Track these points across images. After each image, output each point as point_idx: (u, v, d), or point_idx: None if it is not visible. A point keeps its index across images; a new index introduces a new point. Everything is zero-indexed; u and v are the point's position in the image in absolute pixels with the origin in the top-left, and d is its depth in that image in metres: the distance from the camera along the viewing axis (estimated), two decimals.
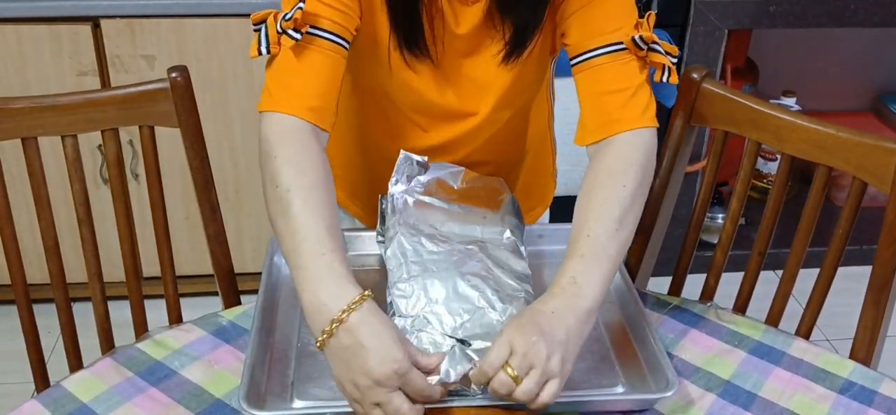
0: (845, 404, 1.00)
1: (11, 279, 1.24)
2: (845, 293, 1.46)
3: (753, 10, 2.25)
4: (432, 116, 1.18)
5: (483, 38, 1.11)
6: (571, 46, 1.09)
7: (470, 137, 1.20)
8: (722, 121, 1.27)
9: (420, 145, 1.20)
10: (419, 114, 1.18)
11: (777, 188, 1.25)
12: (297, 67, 1.02)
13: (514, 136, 1.27)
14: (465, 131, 1.19)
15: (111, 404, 0.99)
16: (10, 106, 1.19)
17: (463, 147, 1.21)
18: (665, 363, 0.98)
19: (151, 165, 1.27)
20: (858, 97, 2.97)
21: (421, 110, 1.17)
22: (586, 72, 1.07)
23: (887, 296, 1.15)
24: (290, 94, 1.02)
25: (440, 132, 1.19)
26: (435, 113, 1.17)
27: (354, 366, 0.86)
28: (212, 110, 2.15)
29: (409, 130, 1.20)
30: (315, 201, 0.95)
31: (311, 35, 1.02)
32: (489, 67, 1.12)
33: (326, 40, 1.03)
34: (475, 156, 1.23)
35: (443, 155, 1.21)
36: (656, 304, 1.18)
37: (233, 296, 1.34)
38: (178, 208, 2.24)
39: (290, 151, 0.99)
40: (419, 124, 1.19)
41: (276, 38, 1.02)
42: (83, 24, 2.03)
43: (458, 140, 1.20)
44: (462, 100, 1.15)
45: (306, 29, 1.01)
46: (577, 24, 1.07)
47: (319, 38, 1.03)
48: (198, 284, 2.29)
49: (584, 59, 1.07)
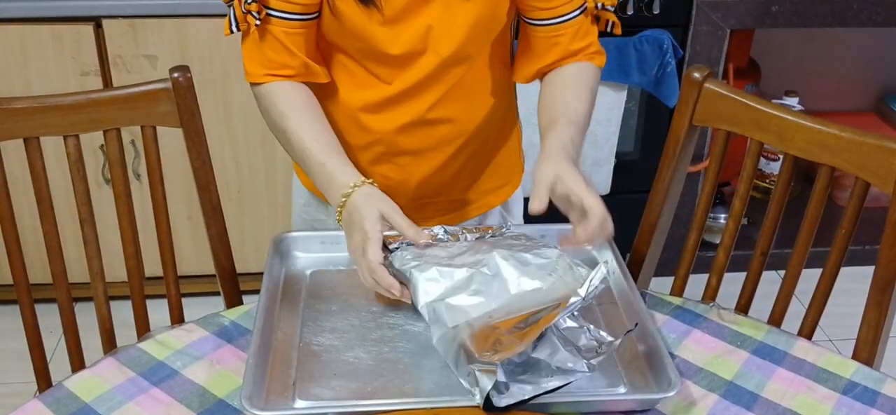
0: (848, 405, 1.00)
1: (14, 279, 1.24)
2: (848, 293, 1.46)
3: (756, 9, 2.24)
4: (390, 64, 1.18)
5: None
6: (530, 8, 1.18)
7: (429, 83, 1.19)
8: (724, 121, 1.26)
9: (382, 96, 1.21)
10: (380, 64, 1.19)
11: (779, 188, 1.25)
12: (262, 47, 1.15)
13: (479, 88, 1.26)
14: (423, 76, 1.18)
15: (113, 403, 0.99)
16: (12, 106, 1.19)
17: (426, 95, 1.21)
18: (667, 363, 0.98)
19: (153, 164, 1.27)
20: (861, 97, 2.97)
21: (382, 59, 1.18)
22: (547, 30, 1.19)
23: (890, 296, 1.15)
24: (265, 67, 1.16)
25: (402, 79, 1.19)
26: (391, 59, 1.17)
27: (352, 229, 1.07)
28: (214, 110, 2.15)
29: (373, 82, 1.21)
30: (314, 130, 1.15)
31: (269, 16, 1.12)
32: (448, 4, 1.13)
33: (283, 20, 1.13)
34: (439, 110, 1.22)
35: (407, 105, 1.21)
36: (659, 304, 1.18)
37: (235, 296, 1.34)
38: (180, 208, 2.24)
39: (280, 103, 1.16)
40: (380, 76, 1.20)
41: (242, 16, 1.11)
42: (85, 24, 2.03)
43: (419, 87, 1.20)
44: (419, 40, 1.16)
45: (264, 13, 1.12)
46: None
47: (277, 19, 1.13)
48: (200, 283, 2.29)
49: (549, 23, 1.19)
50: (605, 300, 1.15)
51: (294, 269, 1.20)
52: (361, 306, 1.11)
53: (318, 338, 1.06)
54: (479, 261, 1.04)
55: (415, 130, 1.23)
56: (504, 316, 0.98)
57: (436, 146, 1.26)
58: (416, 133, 1.23)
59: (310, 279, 1.17)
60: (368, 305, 1.11)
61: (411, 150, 1.24)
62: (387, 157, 1.26)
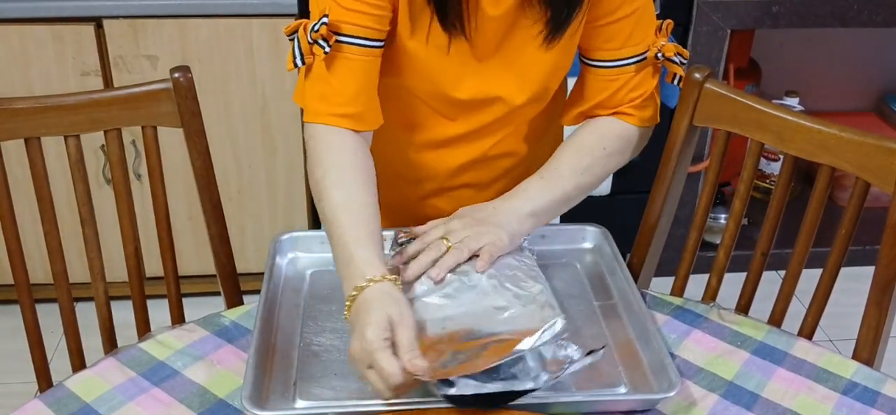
0: (848, 405, 1.00)
1: (14, 279, 1.24)
2: (848, 294, 1.46)
3: (756, 10, 2.24)
4: (459, 104, 1.15)
5: (518, 19, 1.09)
6: (591, 49, 1.13)
7: (498, 125, 1.18)
8: (725, 121, 1.26)
9: (446, 135, 1.18)
10: (447, 104, 1.15)
11: (780, 189, 1.25)
12: (328, 78, 1.06)
13: (542, 125, 1.25)
14: (493, 119, 1.17)
15: (114, 403, 0.99)
16: (13, 106, 1.19)
17: (490, 136, 1.20)
18: (667, 364, 0.98)
19: (154, 165, 1.27)
20: (861, 97, 2.97)
21: (450, 100, 1.15)
22: (604, 72, 1.15)
23: (890, 296, 1.15)
24: (326, 104, 1.07)
25: (468, 120, 1.17)
26: (458, 103, 1.15)
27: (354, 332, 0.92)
28: (214, 111, 2.15)
29: (436, 120, 1.18)
30: (350, 203, 1.02)
31: (340, 43, 1.04)
32: (525, 51, 1.11)
33: (355, 46, 1.05)
34: (503, 146, 1.21)
35: (466, 145, 1.19)
36: (659, 304, 1.18)
37: (235, 296, 1.34)
38: (180, 209, 2.25)
39: (328, 159, 1.05)
40: (443, 112, 1.17)
41: (308, 48, 1.04)
42: (86, 24, 2.03)
43: (486, 128, 1.18)
44: (493, 85, 1.13)
45: (333, 40, 1.04)
46: (604, 34, 1.12)
47: (348, 45, 1.05)
48: (200, 284, 2.29)
49: (605, 65, 1.13)
50: (603, 299, 1.15)
51: (294, 269, 1.20)
52: None
53: (318, 338, 1.06)
54: (467, 271, 1.04)
55: (475, 167, 1.22)
56: (457, 326, 0.97)
57: (495, 179, 1.25)
58: (477, 169, 1.23)
59: (310, 279, 1.18)
60: None
61: (470, 183, 1.22)
62: (443, 192, 1.25)
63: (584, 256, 1.23)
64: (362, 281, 0.94)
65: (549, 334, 0.92)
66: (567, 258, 1.23)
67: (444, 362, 0.92)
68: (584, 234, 1.25)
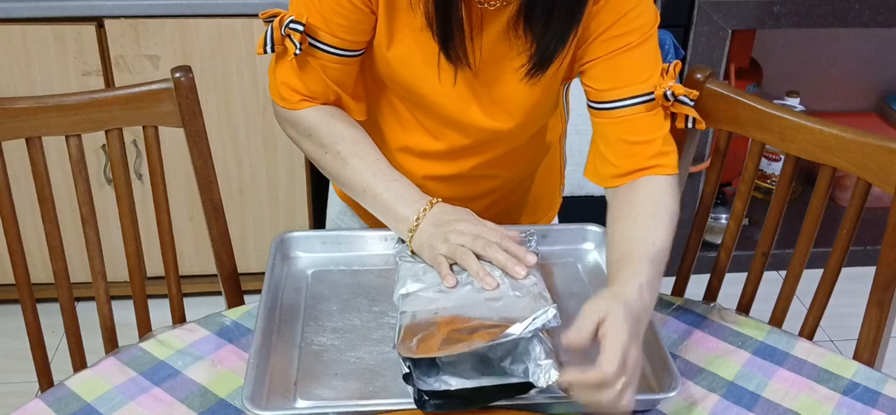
0: (849, 405, 1.00)
1: (15, 279, 1.24)
2: (849, 294, 1.46)
3: (757, 10, 2.24)
4: (441, 122, 1.16)
5: (504, 49, 1.07)
6: (596, 91, 1.09)
7: (481, 149, 1.18)
8: (726, 121, 1.26)
9: (426, 148, 1.18)
10: (430, 118, 1.16)
11: (781, 189, 1.25)
12: (300, 74, 1.10)
13: (527, 154, 1.25)
14: (475, 141, 1.16)
15: (115, 403, 0.99)
16: (14, 106, 1.19)
17: (471, 158, 1.19)
18: (668, 364, 0.98)
19: (155, 164, 1.27)
20: (863, 98, 2.97)
21: (433, 116, 1.15)
22: (614, 119, 1.09)
23: (891, 296, 1.15)
24: (300, 94, 1.11)
25: (449, 139, 1.17)
26: (443, 119, 1.15)
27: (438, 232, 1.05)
28: (216, 110, 2.15)
29: (418, 131, 1.18)
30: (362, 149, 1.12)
31: (313, 48, 1.07)
32: (509, 82, 1.10)
33: (326, 53, 1.08)
34: (484, 169, 1.21)
35: (448, 161, 1.19)
36: (660, 304, 1.18)
37: (236, 296, 1.34)
38: (181, 208, 2.25)
39: (322, 124, 1.13)
40: (429, 129, 1.17)
41: (280, 38, 1.06)
42: (87, 24, 2.04)
43: (468, 150, 1.18)
44: (479, 111, 1.12)
45: (307, 43, 1.07)
46: (605, 71, 1.08)
47: (320, 51, 1.08)
48: (201, 283, 2.29)
49: (612, 107, 1.08)
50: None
51: (295, 269, 1.20)
52: (363, 306, 1.11)
53: (319, 338, 1.06)
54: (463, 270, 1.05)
55: (455, 182, 1.22)
56: (449, 314, 0.97)
57: (475, 197, 1.25)
58: (457, 183, 1.22)
59: (311, 279, 1.17)
60: (370, 305, 1.11)
61: (448, 196, 1.20)
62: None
63: (585, 256, 1.23)
64: (419, 212, 1.07)
65: (541, 322, 0.93)
66: (568, 258, 1.23)
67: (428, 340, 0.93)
68: (584, 233, 1.25)
